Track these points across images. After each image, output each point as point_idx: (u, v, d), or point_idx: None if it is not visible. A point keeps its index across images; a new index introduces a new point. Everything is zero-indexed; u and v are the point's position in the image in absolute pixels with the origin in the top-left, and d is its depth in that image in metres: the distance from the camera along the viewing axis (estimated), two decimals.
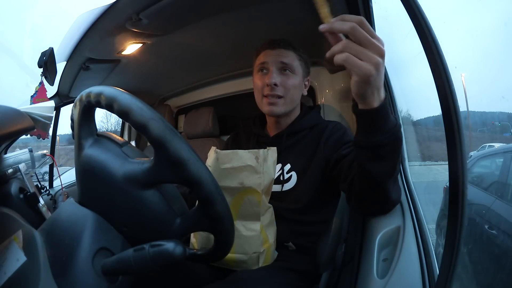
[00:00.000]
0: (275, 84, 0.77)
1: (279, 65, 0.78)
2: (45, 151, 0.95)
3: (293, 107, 0.82)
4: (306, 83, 0.86)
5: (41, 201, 0.74)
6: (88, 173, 0.42)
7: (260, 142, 0.88)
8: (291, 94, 0.79)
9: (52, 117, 0.63)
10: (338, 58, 0.41)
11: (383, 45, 0.41)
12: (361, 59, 0.40)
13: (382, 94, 0.46)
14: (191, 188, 0.38)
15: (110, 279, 0.38)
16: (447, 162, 0.35)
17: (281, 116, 0.82)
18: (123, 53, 1.12)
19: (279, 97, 0.78)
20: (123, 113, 0.37)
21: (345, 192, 0.67)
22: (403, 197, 0.68)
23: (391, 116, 0.48)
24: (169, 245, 0.36)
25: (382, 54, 0.41)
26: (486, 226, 1.35)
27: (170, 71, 1.43)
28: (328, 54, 0.42)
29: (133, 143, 1.79)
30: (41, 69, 0.90)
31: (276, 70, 0.78)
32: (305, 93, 0.86)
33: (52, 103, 0.73)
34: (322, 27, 0.42)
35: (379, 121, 0.47)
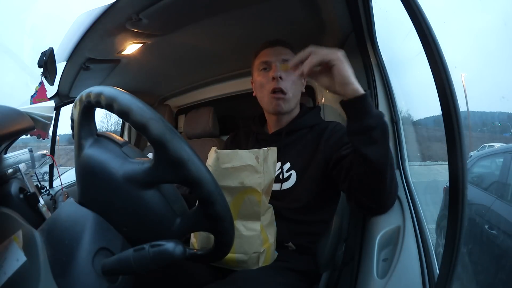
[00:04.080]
0: (280, 77, 0.78)
1: (281, 62, 0.81)
2: (45, 151, 0.94)
3: (295, 103, 0.84)
4: (303, 81, 0.87)
5: (41, 201, 0.73)
6: (88, 173, 0.42)
7: (259, 139, 0.88)
8: (294, 89, 0.81)
9: (52, 117, 0.62)
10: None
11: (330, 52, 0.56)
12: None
13: (358, 90, 0.56)
14: (191, 188, 0.38)
15: (110, 279, 0.38)
16: (447, 162, 0.35)
17: (286, 113, 0.83)
18: (123, 53, 1.12)
19: (284, 93, 0.79)
20: (123, 113, 0.37)
21: (345, 191, 0.67)
22: (403, 197, 0.68)
23: (374, 107, 0.57)
24: (169, 245, 0.36)
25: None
26: (486, 226, 1.35)
27: (170, 71, 1.43)
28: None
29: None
30: (41, 69, 0.90)
31: (279, 65, 0.80)
32: (304, 90, 0.87)
33: (52, 103, 0.73)
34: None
35: (363, 108, 0.56)
